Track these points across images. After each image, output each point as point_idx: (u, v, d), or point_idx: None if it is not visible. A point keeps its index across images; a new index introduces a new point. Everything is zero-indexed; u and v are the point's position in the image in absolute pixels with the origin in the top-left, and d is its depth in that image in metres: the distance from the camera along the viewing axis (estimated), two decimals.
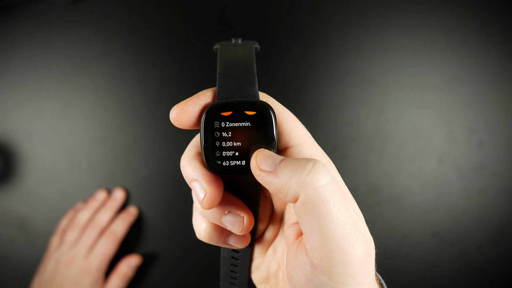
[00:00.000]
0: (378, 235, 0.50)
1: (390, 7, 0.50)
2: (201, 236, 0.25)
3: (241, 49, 0.24)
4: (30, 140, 0.52)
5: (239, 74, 0.22)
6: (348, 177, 0.50)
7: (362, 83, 0.50)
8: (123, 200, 0.51)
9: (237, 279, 0.28)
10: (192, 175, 0.22)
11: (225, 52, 0.23)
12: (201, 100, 0.22)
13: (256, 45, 0.25)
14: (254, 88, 0.22)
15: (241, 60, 0.23)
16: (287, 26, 0.50)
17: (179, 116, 0.22)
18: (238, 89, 0.22)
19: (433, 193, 0.50)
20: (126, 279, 0.49)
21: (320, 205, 0.19)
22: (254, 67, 0.22)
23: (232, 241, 0.25)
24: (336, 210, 0.19)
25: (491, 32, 0.49)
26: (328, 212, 0.19)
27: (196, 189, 0.22)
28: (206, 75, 0.51)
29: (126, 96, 0.51)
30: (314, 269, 0.20)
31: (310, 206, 0.19)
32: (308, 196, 0.19)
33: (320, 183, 0.19)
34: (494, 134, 0.49)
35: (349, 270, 0.19)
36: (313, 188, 0.19)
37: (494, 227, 0.50)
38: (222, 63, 0.23)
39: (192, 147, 0.23)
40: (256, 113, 0.21)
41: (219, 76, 0.22)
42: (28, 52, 0.51)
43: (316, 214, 0.19)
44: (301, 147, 0.22)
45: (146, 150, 0.51)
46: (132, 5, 0.51)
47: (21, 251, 0.52)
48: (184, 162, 0.22)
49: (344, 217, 0.19)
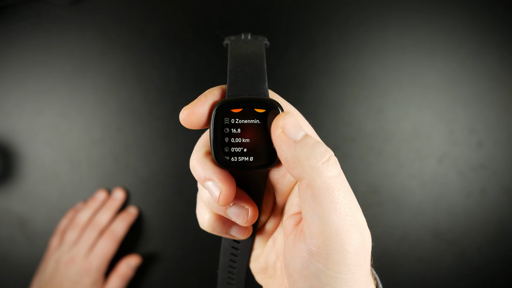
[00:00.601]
0: (378, 235, 0.50)
1: (390, 7, 0.50)
2: (204, 226, 0.25)
3: (251, 46, 0.24)
4: (30, 140, 0.52)
5: (249, 71, 0.22)
6: (348, 177, 0.50)
7: (362, 83, 0.50)
8: (123, 200, 0.51)
9: (235, 268, 0.29)
10: (204, 175, 0.22)
11: (236, 48, 0.23)
12: (209, 99, 0.22)
13: (265, 41, 0.25)
14: (264, 86, 0.22)
15: (252, 57, 0.23)
16: (287, 26, 0.50)
17: (190, 117, 0.22)
18: (249, 86, 0.22)
19: (433, 193, 0.50)
20: (126, 279, 0.49)
21: (325, 193, 0.19)
22: (264, 65, 0.23)
23: (235, 231, 0.25)
24: (340, 201, 0.19)
25: (491, 32, 0.49)
26: (332, 201, 0.19)
27: (210, 188, 0.22)
28: (206, 75, 0.51)
29: (126, 96, 0.51)
30: (311, 255, 0.20)
31: (316, 193, 0.19)
32: (316, 182, 0.19)
33: (330, 173, 0.19)
34: (494, 134, 0.49)
35: (345, 259, 0.19)
36: (323, 176, 0.19)
37: (494, 227, 0.50)
38: (232, 60, 0.23)
39: (200, 147, 0.23)
40: (265, 110, 0.21)
41: (230, 72, 0.22)
42: (28, 52, 0.51)
43: (321, 201, 0.19)
44: None
45: (146, 150, 0.51)
46: (132, 5, 0.51)
47: (21, 251, 0.52)
48: (194, 163, 0.23)
49: (346, 208, 0.20)
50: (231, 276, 0.30)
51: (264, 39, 0.25)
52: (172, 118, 0.51)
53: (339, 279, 0.20)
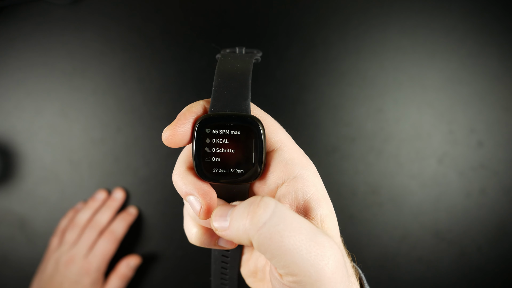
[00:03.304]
0: (378, 235, 0.50)
1: (390, 7, 0.50)
2: (193, 240, 0.26)
3: (239, 61, 0.24)
4: (30, 140, 0.52)
5: (233, 87, 0.23)
6: (348, 177, 0.50)
7: (362, 83, 0.50)
8: (123, 200, 0.51)
9: (227, 274, 0.30)
10: (186, 190, 0.23)
11: (223, 64, 0.24)
12: (189, 117, 0.23)
13: (257, 56, 0.26)
14: (247, 102, 0.23)
15: (237, 73, 0.24)
16: (287, 26, 0.50)
17: (172, 137, 0.23)
18: (231, 102, 0.23)
19: (433, 193, 0.50)
20: (126, 280, 0.49)
21: (270, 244, 0.19)
22: (249, 81, 0.23)
23: (223, 242, 0.26)
24: (287, 241, 0.19)
25: (491, 32, 0.49)
26: (280, 247, 0.19)
27: (192, 203, 0.23)
28: (206, 75, 0.51)
29: (126, 96, 0.51)
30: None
31: (263, 249, 0.19)
32: (256, 241, 0.19)
33: (260, 223, 0.19)
34: (494, 134, 0.49)
35: (323, 285, 0.20)
36: (257, 232, 0.19)
37: (494, 227, 0.50)
38: (218, 75, 0.24)
39: (181, 162, 0.24)
40: (246, 126, 0.22)
41: (214, 88, 0.23)
42: (28, 52, 0.51)
43: (271, 251, 0.19)
44: (281, 151, 0.24)
45: (146, 150, 0.51)
46: (132, 5, 0.51)
47: (21, 251, 0.52)
48: (176, 178, 0.23)
49: (296, 243, 0.19)
50: (223, 282, 0.30)
51: (256, 54, 0.26)
52: (172, 118, 0.51)
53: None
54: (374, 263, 0.50)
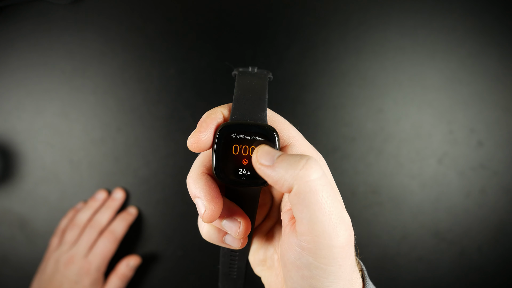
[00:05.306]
0: (378, 235, 0.50)
1: (390, 7, 0.50)
2: (203, 235, 0.28)
3: (256, 78, 0.27)
4: (30, 140, 0.52)
5: (252, 100, 0.26)
6: (348, 177, 0.50)
7: (362, 83, 0.50)
8: (123, 200, 0.51)
9: (236, 265, 0.32)
10: (195, 192, 0.25)
11: (243, 79, 0.27)
12: (210, 124, 0.25)
13: (270, 75, 0.28)
14: (264, 113, 0.25)
15: (256, 88, 0.26)
16: (287, 26, 0.50)
17: (197, 143, 0.25)
18: (250, 112, 0.25)
19: (433, 193, 0.50)
20: (126, 280, 0.49)
21: (310, 196, 0.21)
22: (266, 95, 0.26)
23: (229, 240, 0.27)
24: (324, 201, 0.21)
25: (491, 32, 0.49)
26: (317, 202, 0.21)
27: (198, 205, 0.25)
28: (206, 75, 0.51)
29: (126, 96, 0.51)
30: (302, 250, 0.22)
31: (302, 197, 0.21)
32: (300, 188, 0.21)
33: (311, 177, 0.21)
34: (494, 134, 0.49)
35: (332, 253, 0.22)
36: (305, 181, 0.21)
37: (494, 227, 0.50)
38: (239, 88, 0.26)
39: (197, 167, 0.26)
40: (263, 134, 0.25)
41: (235, 99, 0.26)
42: (28, 52, 0.51)
43: (307, 203, 0.21)
44: (293, 146, 0.26)
45: (146, 150, 0.51)
46: (132, 5, 0.51)
47: (21, 251, 0.52)
48: (189, 180, 0.25)
49: (331, 208, 0.21)
50: (231, 271, 0.32)
51: (269, 73, 0.28)
52: (172, 118, 0.51)
53: (327, 270, 0.22)
54: (374, 263, 0.50)
